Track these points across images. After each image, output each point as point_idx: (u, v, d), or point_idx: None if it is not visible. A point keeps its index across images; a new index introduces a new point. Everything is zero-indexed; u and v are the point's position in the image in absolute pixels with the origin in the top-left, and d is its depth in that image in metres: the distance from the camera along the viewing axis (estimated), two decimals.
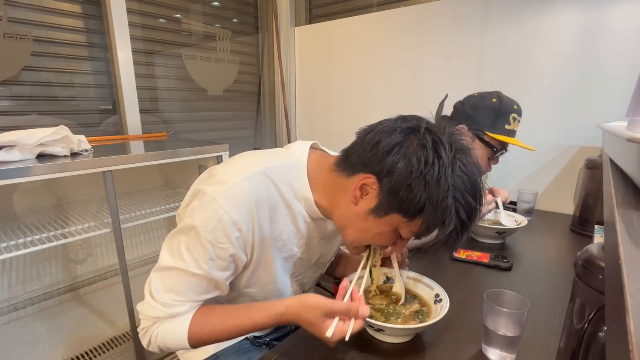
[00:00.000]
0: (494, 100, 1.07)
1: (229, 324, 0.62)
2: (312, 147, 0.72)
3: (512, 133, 1.08)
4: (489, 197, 1.06)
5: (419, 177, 0.54)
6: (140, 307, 0.64)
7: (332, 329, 0.55)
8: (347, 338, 0.55)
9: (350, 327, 0.56)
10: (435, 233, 0.59)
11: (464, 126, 1.09)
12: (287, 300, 0.60)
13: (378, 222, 0.60)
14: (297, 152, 0.69)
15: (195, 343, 0.63)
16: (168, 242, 0.64)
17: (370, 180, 0.58)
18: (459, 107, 1.14)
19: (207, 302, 0.66)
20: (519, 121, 1.09)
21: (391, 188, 0.56)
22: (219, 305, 0.67)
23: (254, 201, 0.60)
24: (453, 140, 0.57)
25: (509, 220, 1.17)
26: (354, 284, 0.62)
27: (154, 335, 0.63)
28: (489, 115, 1.06)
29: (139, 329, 0.65)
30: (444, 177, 0.54)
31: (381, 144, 0.57)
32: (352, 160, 0.62)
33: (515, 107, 1.08)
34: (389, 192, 0.57)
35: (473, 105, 1.09)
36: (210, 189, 0.60)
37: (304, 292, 0.86)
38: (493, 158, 1.12)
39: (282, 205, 0.65)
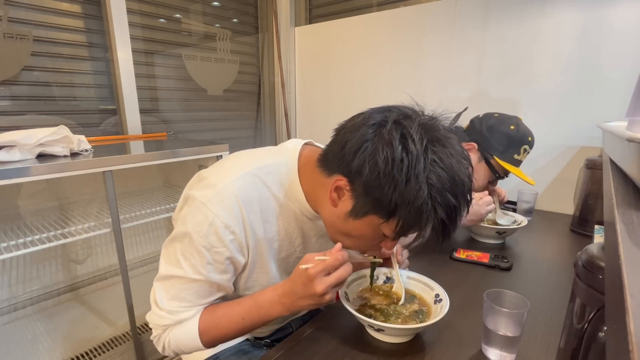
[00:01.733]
0: (512, 127, 1.07)
1: (234, 311, 0.63)
2: (306, 144, 0.70)
3: (518, 163, 1.09)
4: (487, 197, 1.06)
5: (387, 177, 0.50)
6: (149, 317, 0.65)
7: (308, 265, 0.58)
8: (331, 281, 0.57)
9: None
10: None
11: (475, 145, 1.10)
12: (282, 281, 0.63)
13: (358, 223, 0.58)
14: (288, 150, 0.67)
15: (208, 341, 0.63)
16: (165, 251, 0.64)
17: (343, 182, 0.56)
18: (476, 123, 1.13)
19: (213, 304, 0.66)
20: (528, 153, 1.09)
21: (363, 190, 0.54)
22: (223, 302, 0.67)
23: (244, 204, 0.60)
24: (427, 130, 0.52)
25: (505, 219, 1.17)
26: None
27: (166, 342, 0.63)
28: (502, 141, 1.07)
29: (151, 337, 0.66)
30: (414, 174, 0.50)
31: (349, 143, 0.54)
32: (329, 159, 0.60)
33: (529, 138, 1.08)
34: (362, 194, 0.54)
35: (490, 127, 1.09)
36: (200, 194, 0.60)
37: None
38: (492, 182, 1.13)
39: (274, 206, 0.65)
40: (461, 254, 1.02)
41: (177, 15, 1.88)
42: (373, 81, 1.90)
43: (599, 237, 0.98)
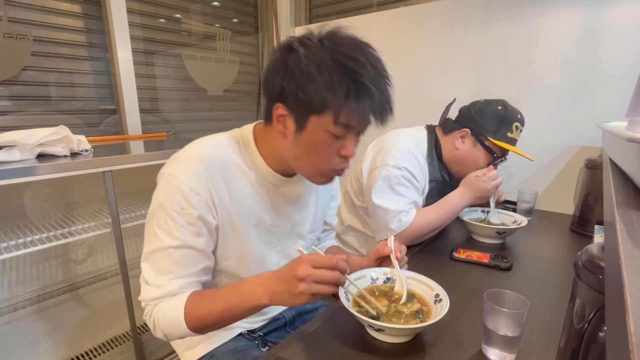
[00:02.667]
0: (499, 107, 1.09)
1: (218, 293, 0.64)
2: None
3: (513, 141, 1.11)
4: (492, 172, 1.05)
5: (302, 75, 0.58)
6: (140, 297, 0.67)
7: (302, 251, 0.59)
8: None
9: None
10: None
11: (468, 130, 1.11)
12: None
13: (307, 135, 0.62)
14: (245, 127, 0.75)
15: (192, 324, 0.63)
16: (145, 233, 0.68)
17: (279, 108, 0.63)
18: (464, 111, 1.16)
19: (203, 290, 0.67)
20: (521, 130, 1.11)
21: (294, 101, 0.60)
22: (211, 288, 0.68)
23: (206, 169, 0.65)
24: (318, 32, 0.61)
25: (497, 217, 1.18)
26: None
27: (156, 319, 0.65)
28: (493, 121, 1.08)
29: (144, 316, 0.67)
30: (322, 60, 0.57)
31: (269, 73, 0.64)
32: (267, 108, 0.67)
33: (519, 116, 1.10)
34: (295, 106, 0.61)
35: (478, 110, 1.11)
36: (167, 169, 0.66)
37: None
38: (492, 164, 1.13)
39: (237, 172, 0.70)
40: (461, 254, 1.02)
41: (177, 15, 1.88)
42: None
43: (599, 237, 0.98)
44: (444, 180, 1.17)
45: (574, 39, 1.31)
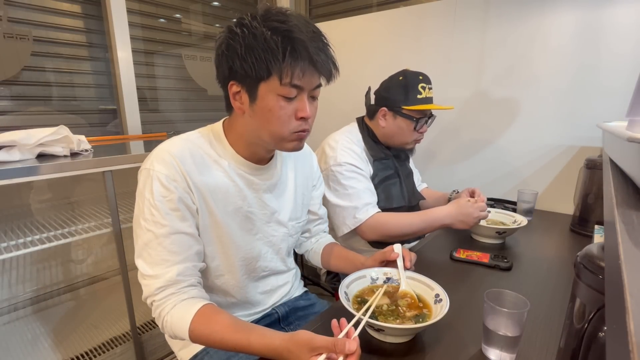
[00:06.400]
0: (400, 78, 1.18)
1: (228, 337, 0.63)
2: None
3: (427, 100, 1.17)
4: (482, 204, 1.08)
5: (242, 48, 0.62)
6: (144, 295, 0.68)
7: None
8: None
9: None
10: None
11: (384, 108, 1.19)
12: (283, 334, 0.60)
13: (261, 104, 0.66)
14: (215, 123, 0.78)
15: (195, 340, 0.65)
16: (134, 232, 0.70)
17: (233, 86, 0.67)
18: (376, 93, 1.25)
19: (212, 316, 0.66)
20: (430, 88, 1.18)
21: (244, 75, 0.64)
22: (223, 313, 0.67)
23: (178, 157, 0.68)
24: (254, 13, 0.65)
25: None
26: (351, 324, 0.60)
27: (165, 321, 0.66)
28: (399, 91, 1.17)
29: (152, 314, 0.68)
30: (256, 29, 0.62)
31: (217, 61, 0.69)
32: (225, 95, 0.72)
33: (420, 77, 1.17)
34: (245, 79, 0.65)
35: (385, 87, 1.21)
36: (144, 165, 0.70)
37: (281, 258, 0.88)
38: (419, 127, 1.19)
39: (209, 161, 0.72)
40: (461, 254, 1.02)
41: (177, 15, 1.88)
42: (372, 81, 1.89)
43: (599, 237, 0.98)
44: (386, 156, 1.24)
45: (574, 39, 1.31)
